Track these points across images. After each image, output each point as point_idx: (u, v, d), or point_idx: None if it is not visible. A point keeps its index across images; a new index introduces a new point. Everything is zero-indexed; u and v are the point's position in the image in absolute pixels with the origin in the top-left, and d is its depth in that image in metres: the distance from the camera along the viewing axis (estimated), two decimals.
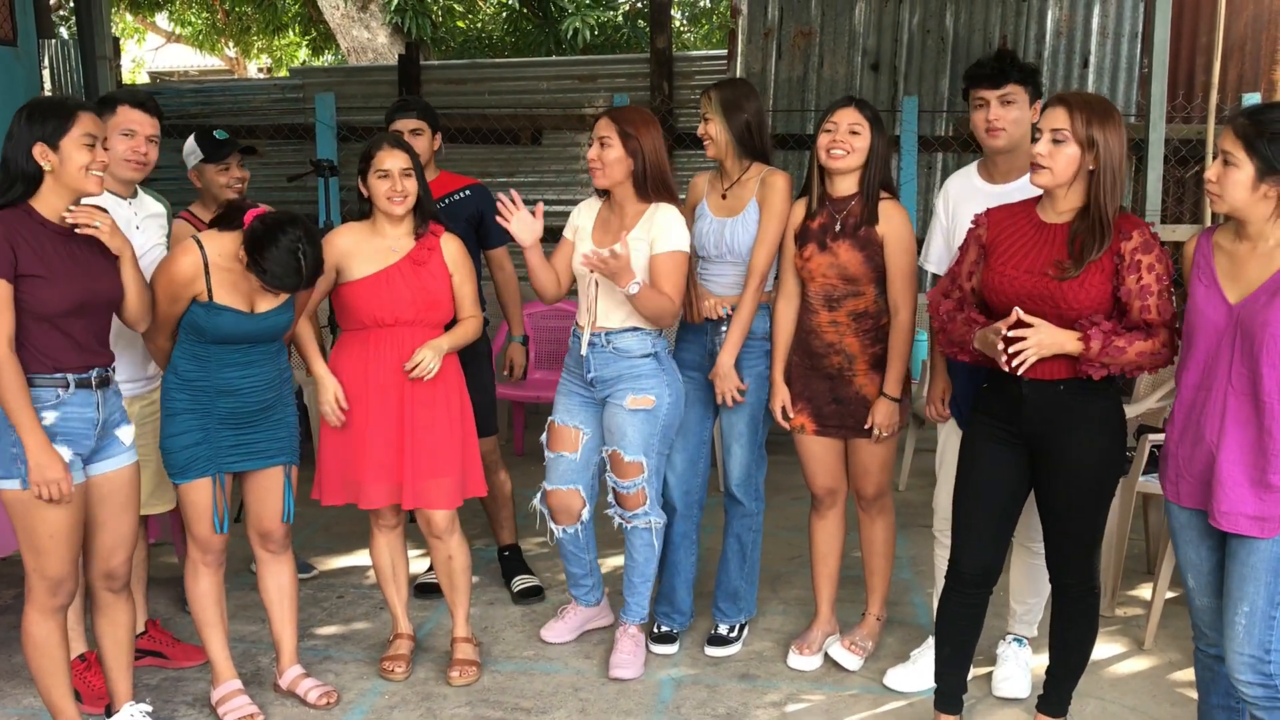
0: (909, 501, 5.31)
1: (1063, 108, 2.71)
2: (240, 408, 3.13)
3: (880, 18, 7.38)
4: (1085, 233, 2.71)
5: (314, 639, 3.82)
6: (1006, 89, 3.15)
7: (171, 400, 3.12)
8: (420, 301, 3.33)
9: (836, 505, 3.60)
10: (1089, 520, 2.88)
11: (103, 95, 3.35)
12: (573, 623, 3.81)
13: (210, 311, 3.03)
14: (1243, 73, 6.82)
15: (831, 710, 3.34)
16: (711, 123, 3.46)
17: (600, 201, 3.54)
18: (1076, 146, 2.69)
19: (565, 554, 3.72)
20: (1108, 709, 3.34)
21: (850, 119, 3.30)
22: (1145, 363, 2.69)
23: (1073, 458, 2.81)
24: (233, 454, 3.16)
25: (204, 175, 3.88)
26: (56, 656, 2.88)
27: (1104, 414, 2.82)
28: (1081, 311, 2.70)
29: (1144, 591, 4.18)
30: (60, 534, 2.77)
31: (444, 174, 4.13)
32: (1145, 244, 2.69)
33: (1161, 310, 2.68)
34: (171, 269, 3.03)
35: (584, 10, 9.71)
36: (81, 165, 2.72)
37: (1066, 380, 2.76)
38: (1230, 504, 2.49)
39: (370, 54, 10.09)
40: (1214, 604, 2.68)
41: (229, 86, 9.73)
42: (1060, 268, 2.71)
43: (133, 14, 12.87)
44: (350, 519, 4.09)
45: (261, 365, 3.16)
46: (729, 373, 3.47)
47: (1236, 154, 2.44)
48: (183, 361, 3.10)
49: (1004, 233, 2.85)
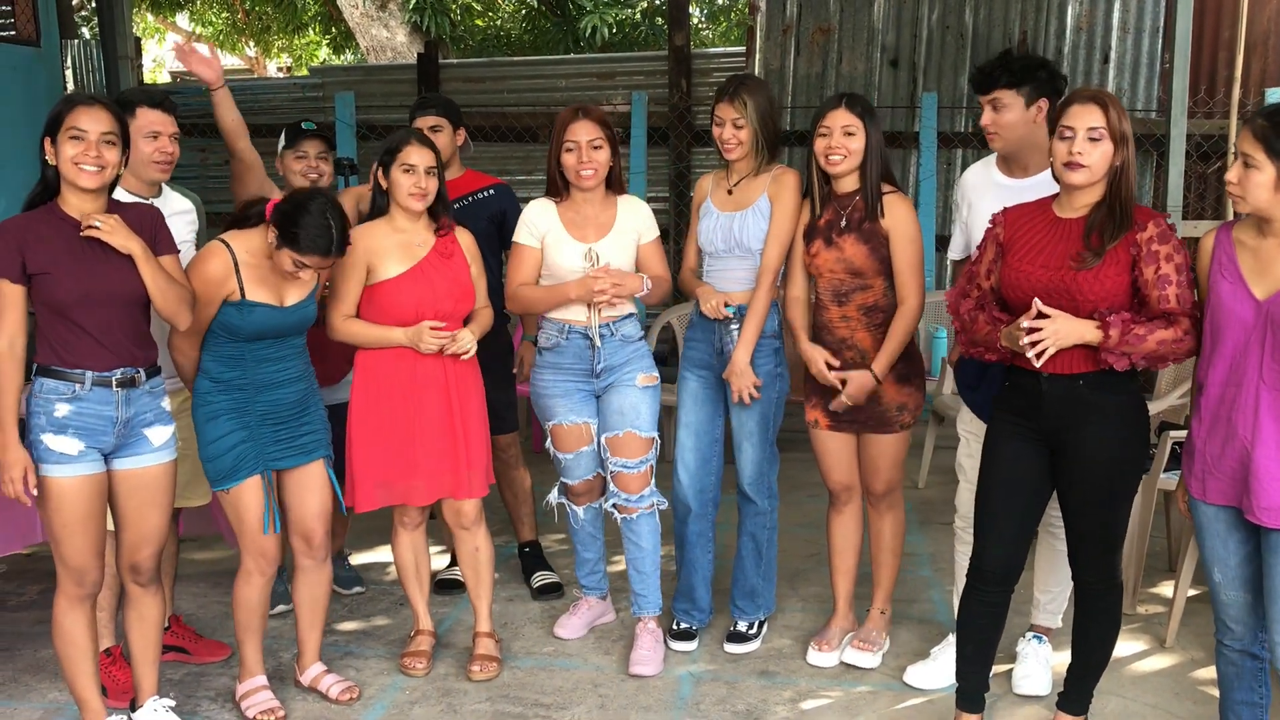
0: (928, 499, 5.31)
1: (1097, 106, 2.72)
2: (279, 401, 3.16)
3: (899, 13, 7.35)
4: (1104, 222, 2.72)
5: (335, 635, 3.85)
6: (993, 95, 3.16)
7: (209, 405, 3.11)
8: (456, 293, 3.38)
9: (853, 501, 3.60)
10: (1109, 517, 2.87)
11: (120, 98, 3.34)
12: (587, 617, 3.84)
13: (243, 309, 3.05)
14: (1266, 67, 6.76)
15: (851, 707, 3.34)
16: (745, 129, 3.44)
17: (553, 202, 3.53)
18: (1111, 143, 2.71)
19: (583, 538, 3.77)
20: (1129, 707, 3.33)
21: (843, 121, 3.30)
22: (1166, 351, 2.67)
23: (1091, 453, 2.80)
24: (276, 449, 3.17)
25: (284, 163, 3.93)
26: (81, 646, 2.93)
27: (1124, 409, 2.81)
28: (1098, 303, 2.70)
29: (1165, 589, 4.16)
30: (73, 524, 2.82)
31: (469, 172, 4.14)
32: (1162, 234, 2.70)
33: (1181, 299, 2.68)
34: (203, 271, 3.04)
35: (602, 8, 9.73)
36: (67, 159, 2.75)
37: (1086, 374, 2.76)
38: (1269, 499, 2.49)
39: (390, 53, 10.13)
40: (1242, 598, 2.68)
41: (249, 85, 9.78)
42: (1080, 259, 2.71)
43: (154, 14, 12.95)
44: (368, 516, 4.09)
45: (292, 360, 3.19)
46: (745, 369, 3.47)
47: (1256, 156, 2.44)
48: (217, 366, 3.11)
49: (1021, 231, 2.86)
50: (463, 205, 3.96)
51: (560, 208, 3.51)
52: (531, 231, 3.52)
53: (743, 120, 3.44)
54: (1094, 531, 2.87)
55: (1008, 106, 3.15)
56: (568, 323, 3.52)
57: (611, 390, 3.53)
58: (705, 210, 3.59)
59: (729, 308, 3.48)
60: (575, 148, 3.43)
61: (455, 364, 3.38)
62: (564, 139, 3.44)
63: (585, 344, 3.51)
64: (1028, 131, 3.16)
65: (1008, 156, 3.26)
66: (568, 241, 3.48)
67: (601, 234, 3.49)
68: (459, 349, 3.32)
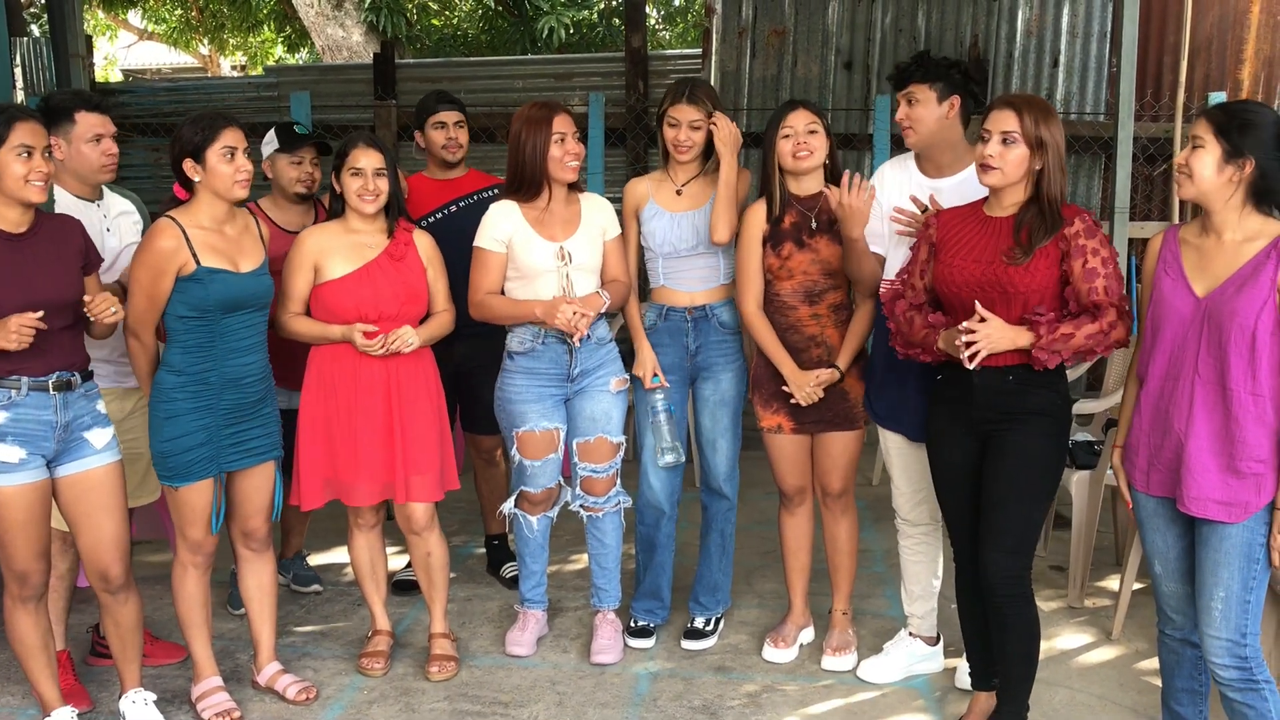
0: (882, 496, 5.35)
1: (1010, 110, 2.81)
2: (243, 400, 3.15)
3: (853, 17, 7.43)
4: (1033, 221, 2.81)
5: (292, 636, 3.84)
6: (908, 89, 3.23)
7: (172, 402, 3.08)
8: (402, 296, 3.36)
9: (806, 502, 3.65)
10: (1022, 513, 2.88)
11: (50, 102, 3.27)
12: (535, 631, 3.76)
13: (204, 279, 3.03)
14: (1209, 72, 6.91)
15: (805, 701, 3.39)
16: (701, 131, 3.51)
17: (515, 203, 3.48)
18: (1026, 147, 2.80)
19: (533, 549, 3.68)
20: (1075, 697, 3.40)
21: (805, 120, 3.37)
22: (1096, 344, 2.76)
23: (1014, 448, 2.87)
24: (232, 452, 3.17)
25: (276, 166, 3.89)
26: (31, 645, 2.97)
27: (1049, 406, 2.88)
28: (1029, 295, 2.79)
29: (1112, 583, 4.25)
30: (14, 528, 2.83)
31: (472, 171, 4.20)
32: (1088, 229, 2.79)
33: (1109, 290, 2.77)
34: (155, 246, 3.02)
35: (559, 9, 9.74)
36: (19, 176, 2.74)
37: (1015, 368, 2.84)
38: (1199, 490, 2.57)
39: (345, 52, 10.08)
40: (1181, 589, 2.76)
41: (204, 84, 9.71)
42: (1011, 255, 2.80)
43: (105, 11, 12.78)
44: (327, 517, 4.10)
45: (258, 352, 3.18)
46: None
47: (1205, 137, 2.56)
48: (183, 357, 3.08)
49: (953, 230, 2.95)
50: (467, 204, 3.99)
51: (524, 208, 3.47)
52: (495, 235, 3.46)
53: (701, 122, 3.49)
54: (1003, 526, 2.87)
55: (920, 102, 3.21)
56: (543, 327, 3.47)
57: (583, 395, 3.53)
58: (652, 213, 3.60)
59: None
60: (563, 138, 3.42)
61: (402, 366, 3.36)
62: (551, 131, 3.40)
63: (563, 349, 3.49)
64: (940, 127, 3.21)
65: (922, 153, 3.32)
66: (537, 240, 3.45)
67: (569, 232, 3.48)
68: (396, 347, 3.29)
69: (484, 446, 4.25)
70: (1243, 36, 6.89)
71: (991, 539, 2.89)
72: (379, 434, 3.37)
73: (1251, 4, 6.87)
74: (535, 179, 3.44)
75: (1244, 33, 6.88)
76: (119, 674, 3.18)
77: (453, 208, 4.08)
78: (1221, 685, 2.63)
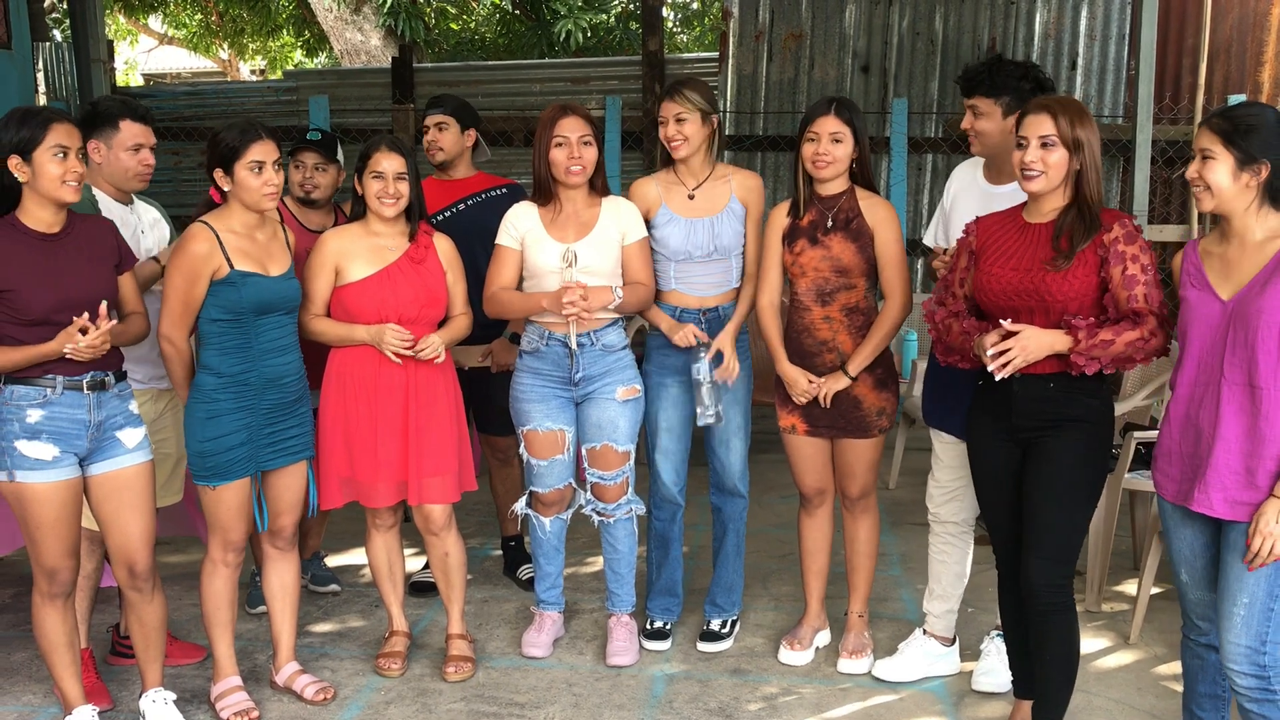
0: (899, 500, 5.36)
1: (1046, 114, 2.79)
2: (282, 399, 3.19)
3: (870, 20, 7.43)
4: (1074, 224, 2.79)
5: (310, 636, 3.86)
6: (973, 100, 3.22)
7: (213, 403, 3.10)
8: (422, 298, 3.38)
9: (825, 504, 3.64)
10: (1063, 520, 2.87)
11: (99, 107, 3.35)
12: (551, 633, 3.77)
13: (239, 281, 3.07)
14: (1228, 74, 6.88)
15: (822, 703, 3.39)
16: (688, 123, 3.50)
17: (533, 205, 3.52)
18: (1064, 150, 2.77)
19: (547, 550, 3.71)
20: (1092, 702, 3.39)
21: (831, 128, 3.34)
22: (1135, 352, 2.73)
23: (1055, 454, 2.85)
24: (269, 450, 3.20)
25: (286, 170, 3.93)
26: (57, 642, 3.00)
27: (1091, 414, 2.86)
28: (1067, 303, 2.76)
29: (1130, 587, 4.23)
30: (45, 526, 2.86)
31: (480, 174, 4.20)
32: (1128, 235, 2.76)
33: (1149, 298, 2.74)
34: (190, 249, 3.05)
35: (576, 13, 9.77)
36: (55, 177, 2.78)
37: (1056, 376, 2.81)
38: (1227, 491, 2.54)
39: (364, 56, 10.13)
40: (1207, 597, 2.73)
41: (223, 89, 9.76)
42: (1052, 261, 2.78)
43: (126, 16, 12.89)
44: (345, 518, 4.13)
45: (293, 352, 3.22)
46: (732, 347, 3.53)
47: (1214, 148, 2.52)
48: (221, 359, 3.10)
49: (992, 238, 2.93)
50: (473, 204, 4.00)
51: (542, 209, 3.51)
52: (511, 233, 3.51)
53: (685, 113, 3.49)
54: (1046, 532, 2.87)
55: (985, 114, 3.20)
56: (548, 328, 3.50)
57: (591, 402, 3.53)
58: (664, 218, 3.58)
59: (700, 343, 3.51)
60: (566, 142, 3.42)
61: (421, 369, 3.38)
62: (554, 134, 3.43)
63: (564, 352, 3.51)
64: (1005, 140, 3.16)
65: (988, 161, 3.32)
66: (546, 241, 3.48)
67: (582, 234, 3.49)
68: (424, 355, 3.32)
69: (499, 447, 4.27)
70: (1263, 39, 6.86)
71: (1033, 546, 2.88)
72: (397, 435, 3.39)
73: (1272, 6, 6.84)
74: (542, 181, 3.49)
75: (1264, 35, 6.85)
76: (140, 672, 3.21)
77: (460, 206, 4.09)
78: (1238, 694, 2.60)
